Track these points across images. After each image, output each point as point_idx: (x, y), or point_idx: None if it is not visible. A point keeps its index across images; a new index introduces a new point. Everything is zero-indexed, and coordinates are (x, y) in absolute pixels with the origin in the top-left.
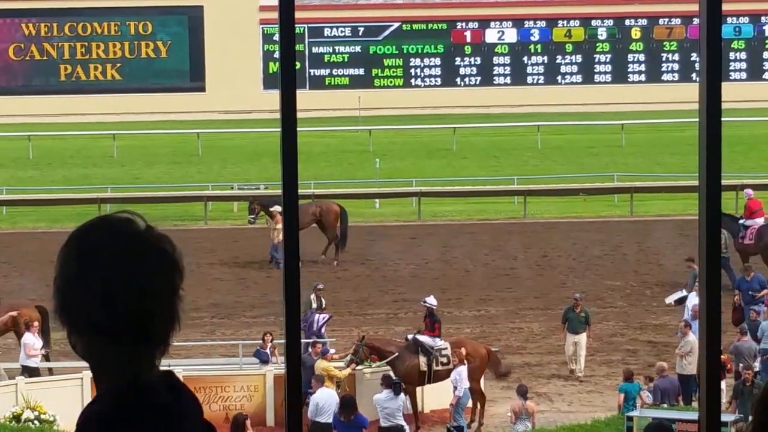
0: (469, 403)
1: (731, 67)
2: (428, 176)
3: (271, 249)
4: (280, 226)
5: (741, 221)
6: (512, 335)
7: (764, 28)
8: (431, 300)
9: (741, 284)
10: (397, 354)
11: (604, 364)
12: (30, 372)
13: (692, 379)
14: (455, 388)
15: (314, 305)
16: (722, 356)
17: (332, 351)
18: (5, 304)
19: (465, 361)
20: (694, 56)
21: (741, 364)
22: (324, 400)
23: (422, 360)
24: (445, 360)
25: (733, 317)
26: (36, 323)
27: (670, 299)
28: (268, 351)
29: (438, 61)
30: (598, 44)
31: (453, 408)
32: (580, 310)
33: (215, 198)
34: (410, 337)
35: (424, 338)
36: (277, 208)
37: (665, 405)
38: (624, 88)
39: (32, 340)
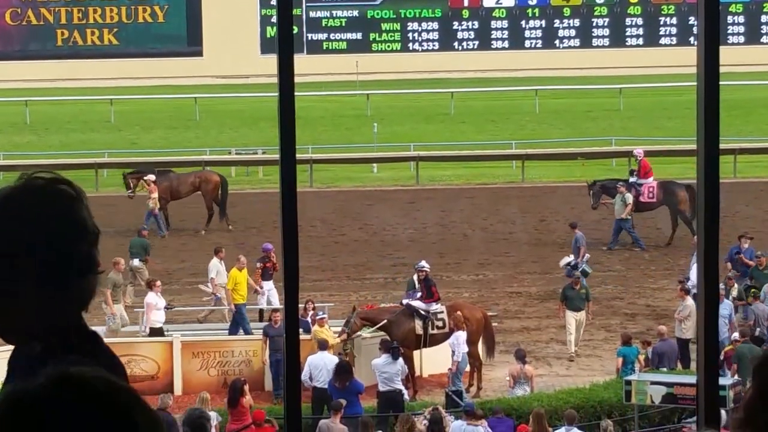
0: (468, 368)
1: (729, 31)
2: (426, 141)
3: (146, 218)
4: (154, 195)
5: (634, 180)
6: (510, 299)
7: None
8: (425, 264)
9: (734, 252)
10: (386, 320)
11: (603, 329)
12: (155, 333)
13: (690, 342)
14: (453, 352)
15: (417, 286)
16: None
17: (325, 316)
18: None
19: (464, 326)
20: (692, 20)
21: (758, 328)
22: (318, 365)
23: (418, 324)
24: (440, 324)
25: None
26: (159, 282)
27: (563, 263)
28: (309, 319)
29: (436, 25)
30: (596, 8)
31: (452, 373)
32: (579, 287)
33: (213, 163)
34: (404, 302)
35: (416, 303)
36: (151, 177)
37: (664, 369)
38: (622, 52)
39: (155, 299)
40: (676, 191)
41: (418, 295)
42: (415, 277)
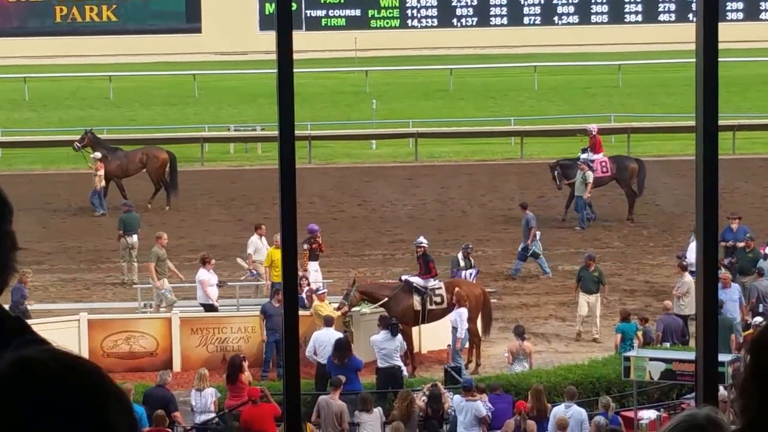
0: (467, 344)
1: (728, 7)
2: (425, 117)
3: (91, 195)
4: (100, 173)
5: (586, 156)
6: (509, 276)
7: None
8: (422, 240)
9: (726, 235)
10: (388, 298)
11: (601, 305)
12: (208, 309)
13: (689, 319)
14: (455, 329)
15: (462, 264)
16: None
17: (325, 291)
18: None
19: (466, 303)
20: None
21: (761, 305)
22: (321, 341)
23: (416, 300)
24: (439, 299)
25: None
26: (213, 260)
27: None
28: (303, 296)
29: (434, 1)
30: None
31: (453, 349)
32: (593, 269)
33: (212, 140)
34: (403, 278)
35: (414, 279)
36: (97, 155)
37: (667, 344)
38: (621, 29)
39: (207, 275)
40: (628, 165)
41: (471, 271)
42: (459, 255)
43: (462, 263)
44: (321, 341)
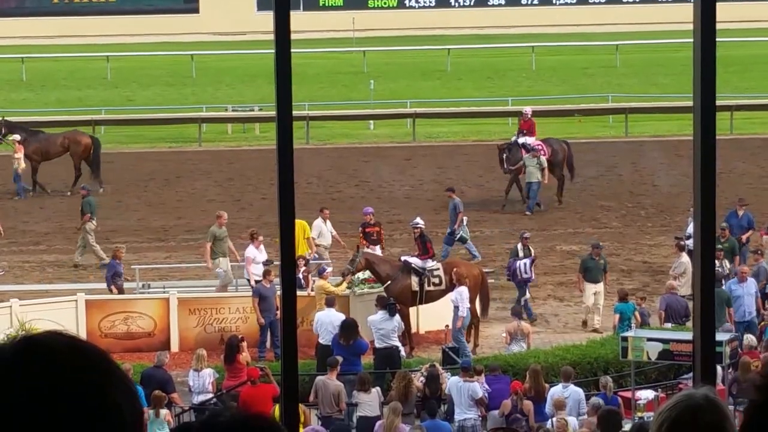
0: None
1: None
2: (423, 97)
3: (14, 178)
4: (19, 155)
5: (523, 139)
6: (507, 256)
7: None
8: (419, 221)
9: (731, 219)
10: (387, 280)
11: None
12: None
13: (686, 299)
14: (457, 308)
15: (521, 254)
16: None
17: (329, 270)
18: None
19: (466, 282)
20: None
21: None
22: (324, 322)
23: (414, 280)
24: (437, 280)
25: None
26: (261, 237)
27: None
28: (300, 276)
29: None
30: None
31: (455, 328)
32: (599, 257)
33: (209, 120)
34: (402, 258)
35: (413, 259)
36: (17, 137)
37: (669, 324)
38: (619, 9)
39: (254, 252)
40: (559, 148)
41: (526, 261)
42: (519, 245)
43: (521, 253)
44: (321, 322)
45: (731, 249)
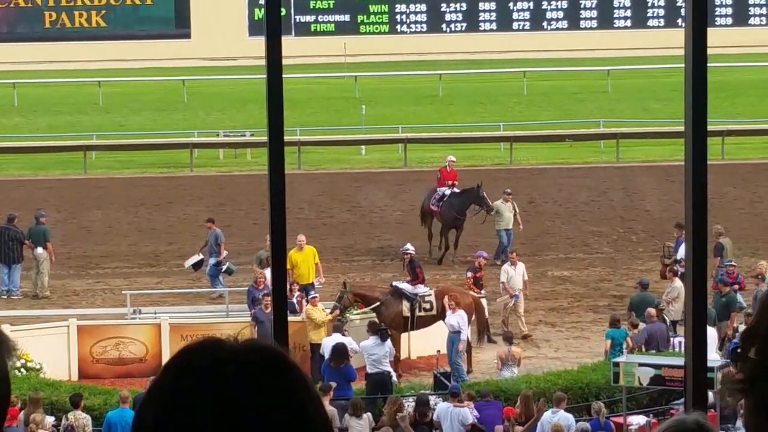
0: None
1: (717, 13)
2: (414, 122)
3: None
4: None
5: (450, 190)
6: (499, 281)
7: None
8: (409, 246)
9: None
10: (380, 302)
11: (591, 310)
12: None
13: (678, 324)
14: (458, 332)
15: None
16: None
17: (316, 295)
18: None
19: (460, 307)
20: (680, 1)
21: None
22: (328, 348)
23: (405, 306)
24: (428, 306)
25: (662, 270)
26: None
27: (188, 263)
28: (294, 300)
29: (423, 7)
30: None
31: (455, 353)
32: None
33: (201, 145)
34: (393, 284)
35: (404, 285)
36: None
37: (653, 351)
38: (610, 34)
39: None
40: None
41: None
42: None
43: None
44: (328, 347)
45: (728, 303)
